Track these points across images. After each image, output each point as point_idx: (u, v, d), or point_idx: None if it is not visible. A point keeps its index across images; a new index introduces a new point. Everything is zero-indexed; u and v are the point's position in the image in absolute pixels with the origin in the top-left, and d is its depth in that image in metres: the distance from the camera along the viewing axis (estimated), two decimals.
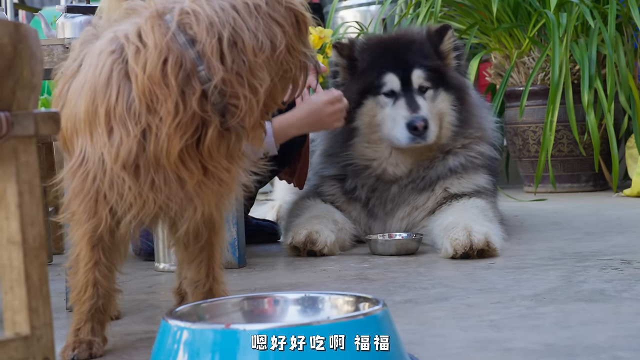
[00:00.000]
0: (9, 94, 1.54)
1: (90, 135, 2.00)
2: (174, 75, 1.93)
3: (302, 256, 3.52)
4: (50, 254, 3.69)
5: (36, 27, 2.35)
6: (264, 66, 1.97)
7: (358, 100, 3.71)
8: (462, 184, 3.75)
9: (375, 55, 3.76)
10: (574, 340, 2.05)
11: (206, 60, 1.94)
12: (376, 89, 3.71)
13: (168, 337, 1.73)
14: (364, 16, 7.33)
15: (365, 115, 3.74)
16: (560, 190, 5.91)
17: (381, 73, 3.70)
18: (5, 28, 1.51)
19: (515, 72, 5.96)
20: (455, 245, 3.30)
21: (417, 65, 3.70)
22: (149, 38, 1.94)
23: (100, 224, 2.04)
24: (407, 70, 3.70)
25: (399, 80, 3.68)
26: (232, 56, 1.94)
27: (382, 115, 3.71)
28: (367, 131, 3.75)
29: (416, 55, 3.73)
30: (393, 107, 3.68)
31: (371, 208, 3.79)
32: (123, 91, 1.96)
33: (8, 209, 1.54)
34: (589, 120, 5.40)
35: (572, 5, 5.58)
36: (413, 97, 3.67)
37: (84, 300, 2.10)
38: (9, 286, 1.55)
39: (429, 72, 3.71)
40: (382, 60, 3.73)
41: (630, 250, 3.36)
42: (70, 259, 2.14)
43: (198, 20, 1.94)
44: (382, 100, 3.71)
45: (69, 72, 2.14)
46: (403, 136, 3.61)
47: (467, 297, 2.62)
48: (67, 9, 3.31)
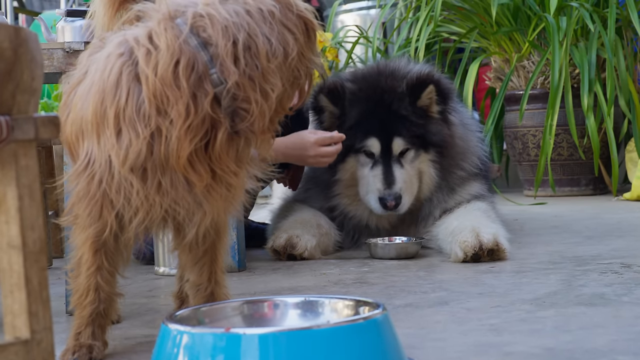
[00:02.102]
0: (9, 98, 1.54)
1: (97, 137, 1.99)
2: (185, 77, 1.92)
3: (283, 260, 3.55)
4: (50, 257, 3.69)
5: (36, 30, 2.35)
6: (276, 72, 1.97)
7: (342, 155, 3.69)
8: (457, 198, 3.78)
9: (363, 111, 3.73)
10: (574, 344, 2.05)
11: (219, 63, 1.94)
12: (358, 147, 3.72)
13: (168, 341, 1.73)
14: (364, 20, 7.34)
15: (347, 171, 3.75)
16: (560, 194, 5.91)
17: (365, 135, 3.69)
18: (5, 32, 1.51)
19: (515, 76, 5.96)
20: (465, 247, 3.30)
21: (398, 133, 3.68)
22: (161, 40, 1.93)
23: (105, 229, 2.03)
24: (389, 137, 3.68)
25: (380, 145, 3.68)
26: (246, 60, 1.94)
27: (361, 173, 3.72)
28: (348, 184, 3.77)
29: (398, 120, 3.69)
30: (370, 171, 3.69)
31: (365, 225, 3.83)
32: (133, 93, 1.95)
33: (8, 212, 1.54)
34: (588, 124, 5.41)
35: (571, 9, 5.59)
36: (390, 166, 3.66)
37: (85, 304, 2.10)
38: (9, 290, 1.55)
39: (410, 138, 3.69)
40: (367, 122, 3.71)
41: (630, 254, 3.36)
42: (72, 262, 2.14)
43: (213, 23, 1.94)
44: (363, 159, 3.72)
45: (75, 80, 2.13)
46: (376, 207, 3.65)
47: (467, 301, 2.62)
48: (67, 12, 3.31)
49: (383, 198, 3.62)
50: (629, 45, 5.77)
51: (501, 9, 5.75)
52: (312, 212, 3.78)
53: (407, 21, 6.23)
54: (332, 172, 3.76)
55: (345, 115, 3.76)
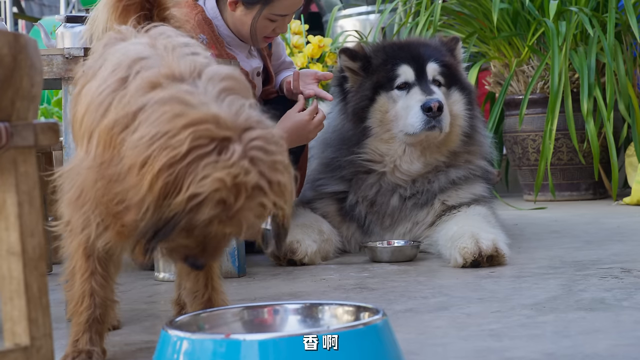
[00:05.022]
0: (9, 105, 1.54)
1: (87, 147, 1.97)
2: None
3: (283, 265, 3.55)
4: (49, 264, 3.69)
5: (36, 37, 2.36)
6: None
7: (370, 96, 3.69)
8: (460, 195, 3.75)
9: (389, 52, 3.76)
10: (574, 350, 2.05)
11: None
12: (389, 82, 3.68)
13: (168, 347, 1.73)
14: (364, 25, 7.34)
15: (377, 111, 3.70)
16: (559, 199, 5.91)
17: (395, 65, 3.69)
18: (5, 38, 1.51)
19: (514, 81, 5.96)
20: (464, 253, 3.30)
21: (432, 59, 3.70)
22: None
23: (92, 235, 2.01)
24: (422, 62, 3.69)
25: (413, 71, 3.67)
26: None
27: (394, 110, 3.67)
28: (379, 130, 3.71)
29: (432, 50, 3.75)
30: (407, 96, 3.65)
31: (368, 226, 3.78)
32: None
33: (8, 219, 1.54)
34: (588, 129, 5.41)
35: (571, 14, 5.59)
36: (428, 85, 3.66)
37: (81, 311, 2.09)
38: (8, 297, 1.55)
39: (443, 68, 3.71)
40: (397, 54, 3.73)
41: (630, 258, 3.35)
42: (66, 272, 2.13)
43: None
44: (395, 94, 3.68)
45: (91, 73, 2.07)
46: (418, 120, 3.57)
47: (467, 306, 2.62)
48: (67, 18, 3.32)
49: (425, 103, 3.55)
50: (628, 50, 5.77)
51: (501, 13, 5.75)
52: (314, 217, 3.77)
53: (407, 26, 6.23)
54: (360, 120, 3.71)
55: (370, 59, 3.73)
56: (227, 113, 1.74)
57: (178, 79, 1.85)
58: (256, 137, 1.74)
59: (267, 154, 1.74)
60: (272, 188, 1.74)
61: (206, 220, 1.70)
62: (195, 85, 1.83)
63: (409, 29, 6.19)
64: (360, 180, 3.77)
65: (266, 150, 1.74)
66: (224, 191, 1.67)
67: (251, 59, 3.83)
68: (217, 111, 1.74)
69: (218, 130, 1.70)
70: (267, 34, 3.72)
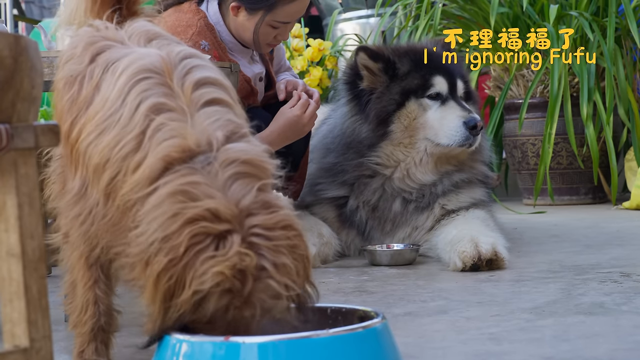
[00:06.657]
0: (9, 107, 1.54)
1: (98, 179, 1.86)
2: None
3: None
4: (49, 266, 3.68)
5: (36, 39, 2.34)
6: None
7: (400, 101, 3.69)
8: (460, 199, 3.76)
9: (417, 59, 3.77)
10: (573, 354, 2.05)
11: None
12: (422, 90, 3.70)
13: (167, 350, 1.73)
14: (363, 29, 7.34)
15: (405, 117, 3.70)
16: (559, 203, 5.91)
17: (430, 75, 3.72)
18: (5, 40, 1.51)
19: (514, 85, 5.97)
20: (464, 257, 3.30)
21: (459, 75, 3.78)
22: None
23: (97, 246, 1.97)
24: (454, 77, 3.76)
25: (447, 84, 3.72)
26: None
27: (423, 117, 3.69)
28: (401, 135, 3.71)
29: (456, 66, 3.83)
30: (442, 107, 3.68)
31: (368, 232, 3.78)
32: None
33: (7, 221, 1.54)
34: (587, 133, 5.41)
35: (571, 18, 5.60)
36: (459, 100, 3.73)
37: (85, 320, 2.04)
38: (8, 299, 1.55)
39: (465, 84, 3.81)
40: (428, 64, 3.75)
41: (630, 263, 3.36)
42: (66, 286, 2.09)
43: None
44: (426, 103, 3.70)
45: (79, 78, 1.97)
46: (458, 134, 3.62)
47: (466, 309, 2.62)
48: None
49: (469, 121, 3.61)
50: (628, 55, 5.77)
51: (500, 17, 5.75)
52: (314, 220, 3.77)
53: (407, 30, 6.24)
54: (378, 127, 3.70)
55: (395, 64, 3.74)
56: (227, 204, 1.69)
57: (194, 154, 1.75)
58: (257, 224, 1.70)
59: (268, 239, 1.70)
60: (278, 270, 1.70)
61: (222, 308, 1.68)
62: (207, 171, 1.73)
63: (408, 32, 6.20)
64: (362, 184, 3.76)
65: (267, 236, 1.69)
66: (227, 282, 1.65)
67: (253, 64, 3.83)
68: (217, 205, 1.68)
69: (216, 224, 1.67)
70: (269, 41, 3.72)
